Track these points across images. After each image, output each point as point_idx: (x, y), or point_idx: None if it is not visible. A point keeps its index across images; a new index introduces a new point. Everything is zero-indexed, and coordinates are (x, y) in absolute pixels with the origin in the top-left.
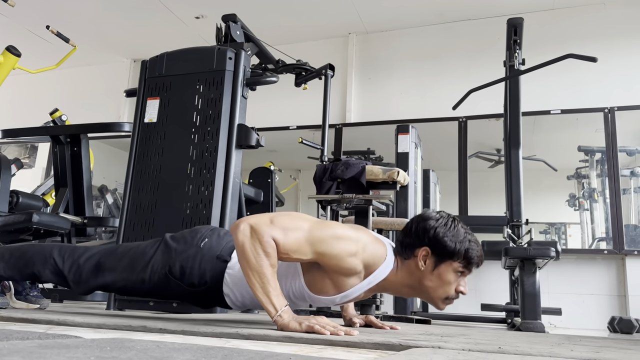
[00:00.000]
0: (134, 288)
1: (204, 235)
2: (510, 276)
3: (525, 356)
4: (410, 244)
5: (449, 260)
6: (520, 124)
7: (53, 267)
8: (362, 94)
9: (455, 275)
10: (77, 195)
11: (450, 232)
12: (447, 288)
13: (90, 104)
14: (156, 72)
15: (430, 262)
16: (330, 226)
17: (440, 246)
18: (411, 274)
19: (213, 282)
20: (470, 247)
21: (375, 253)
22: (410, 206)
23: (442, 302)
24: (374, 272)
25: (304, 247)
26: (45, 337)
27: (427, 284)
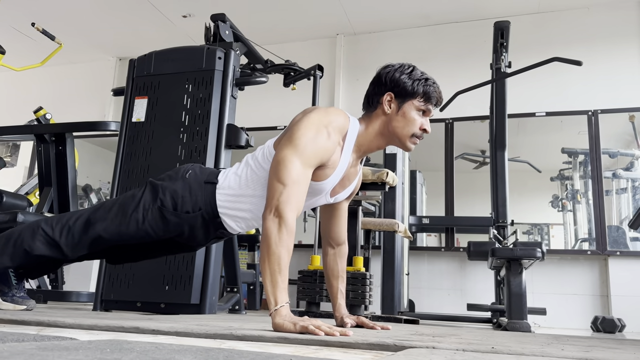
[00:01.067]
0: (128, 233)
1: (186, 168)
2: (495, 276)
3: (519, 356)
4: (374, 93)
5: (410, 99)
6: (506, 125)
7: (43, 237)
8: (349, 95)
9: (418, 113)
10: (61, 195)
11: (407, 72)
12: (412, 126)
13: (75, 103)
14: (144, 71)
15: (394, 105)
16: (300, 137)
17: (400, 87)
18: (380, 122)
19: (207, 206)
20: (427, 84)
21: (338, 118)
22: (398, 207)
23: (409, 140)
24: (347, 133)
25: (309, 175)
26: (40, 339)
27: (394, 125)
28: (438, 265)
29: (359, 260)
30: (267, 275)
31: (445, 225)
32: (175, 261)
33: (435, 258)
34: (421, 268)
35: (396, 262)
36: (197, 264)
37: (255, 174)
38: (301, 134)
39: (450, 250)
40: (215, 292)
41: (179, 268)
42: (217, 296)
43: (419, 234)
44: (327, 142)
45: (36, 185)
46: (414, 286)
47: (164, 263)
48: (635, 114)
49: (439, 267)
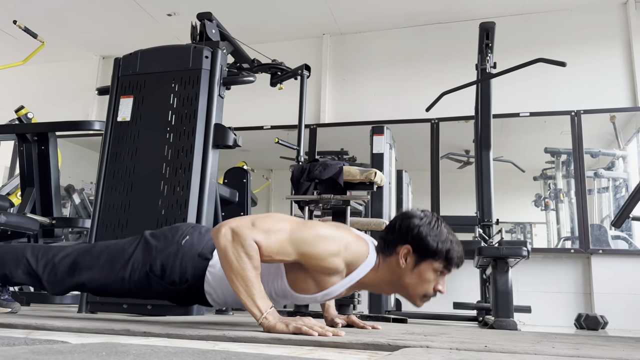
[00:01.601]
0: (112, 287)
1: (185, 232)
2: (481, 275)
3: (513, 354)
4: (393, 241)
5: (430, 260)
6: (491, 126)
7: (26, 267)
8: (336, 95)
9: (434, 274)
10: (44, 196)
11: (433, 231)
12: (426, 286)
13: (58, 102)
14: (130, 70)
15: (411, 260)
16: (312, 226)
17: (422, 245)
18: (392, 271)
19: (194, 280)
20: (451, 248)
21: (358, 251)
22: (385, 206)
23: (420, 299)
24: (356, 270)
25: (287, 248)
26: (31, 342)
27: (407, 281)
28: None
29: None
30: (241, 292)
31: None
32: None
33: None
34: None
35: None
36: None
37: None
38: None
39: None
40: None
41: None
42: None
43: None
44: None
45: (18, 186)
46: None
47: None
48: (616, 114)
49: None
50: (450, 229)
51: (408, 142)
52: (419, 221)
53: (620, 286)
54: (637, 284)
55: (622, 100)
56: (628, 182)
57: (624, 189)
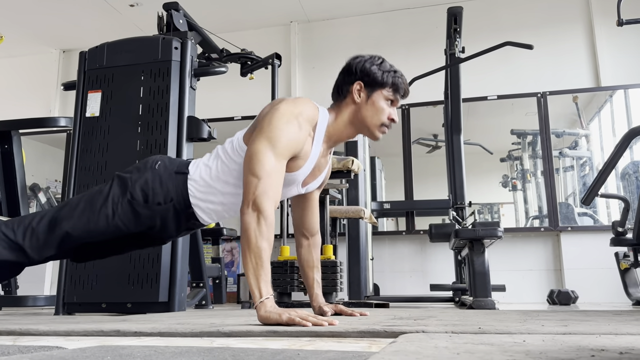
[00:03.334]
0: (98, 229)
1: (155, 159)
2: (455, 257)
3: (510, 335)
4: (344, 82)
5: (379, 89)
6: (461, 110)
7: (5, 241)
8: (306, 83)
9: (386, 102)
10: (10, 196)
11: (376, 62)
12: (380, 115)
13: (17, 98)
14: (96, 63)
15: (364, 94)
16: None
17: (370, 77)
18: (349, 111)
19: (178, 196)
20: (396, 76)
21: (307, 109)
22: (361, 194)
23: (378, 129)
24: (317, 123)
25: (283, 164)
26: (26, 350)
27: (364, 114)
28: (399, 249)
29: (329, 248)
30: (250, 269)
31: (406, 209)
32: (140, 259)
33: (396, 242)
34: (383, 252)
35: (361, 248)
36: (163, 261)
37: (226, 165)
38: (272, 127)
39: (411, 234)
40: (184, 289)
41: (145, 266)
42: (185, 292)
43: (380, 219)
44: (299, 133)
45: None
46: (377, 270)
47: (129, 261)
48: (578, 95)
49: (400, 250)
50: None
51: None
52: (363, 58)
53: (588, 261)
54: (603, 258)
55: (585, 81)
56: (591, 160)
57: (587, 167)
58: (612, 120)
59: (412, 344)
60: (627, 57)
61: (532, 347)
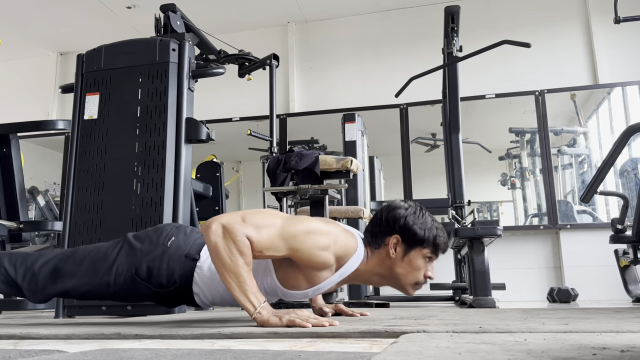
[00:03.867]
0: (97, 292)
1: (170, 233)
2: (455, 255)
3: (512, 334)
4: (381, 233)
5: (419, 247)
6: (460, 108)
7: (4, 276)
8: (304, 84)
9: (424, 261)
10: (9, 199)
11: (419, 220)
12: (416, 274)
13: (15, 102)
14: (94, 66)
15: (400, 249)
16: (302, 221)
17: (410, 234)
18: (382, 262)
19: (182, 282)
20: (437, 235)
21: (346, 245)
22: (360, 193)
23: (412, 287)
24: (346, 263)
25: (278, 243)
26: (27, 354)
27: (398, 271)
28: None
29: None
30: (234, 288)
31: None
32: None
33: None
34: None
35: None
36: None
37: None
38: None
39: None
40: None
41: None
42: None
43: None
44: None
45: None
46: None
47: None
48: (576, 93)
49: None
50: (434, 217)
51: (378, 128)
52: (405, 211)
53: (587, 259)
54: (602, 256)
55: (582, 79)
56: (590, 158)
57: (586, 164)
58: (610, 117)
59: (414, 344)
60: (625, 54)
61: (533, 346)
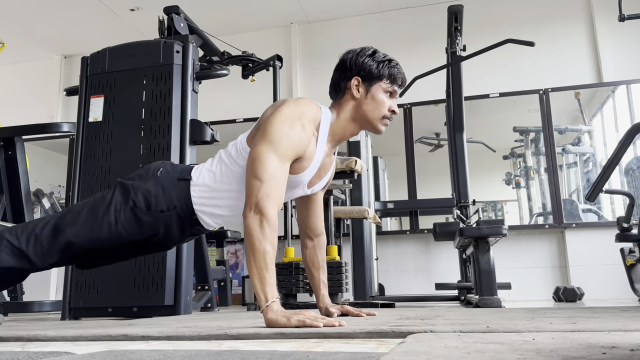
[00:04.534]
0: (100, 237)
1: (157, 166)
2: (460, 255)
3: (519, 333)
4: (342, 79)
5: (377, 82)
6: (463, 108)
7: (9, 248)
8: (307, 84)
9: (385, 95)
10: (14, 202)
11: (371, 56)
12: (381, 108)
13: (20, 104)
14: (98, 68)
15: (362, 89)
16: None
17: (366, 70)
18: (350, 107)
19: (182, 203)
20: (391, 66)
21: (310, 109)
22: (364, 194)
23: (380, 122)
24: (320, 122)
25: (286, 167)
26: (35, 356)
27: (365, 108)
28: (404, 248)
29: (333, 249)
30: (254, 273)
31: (410, 208)
32: (146, 263)
33: (400, 241)
34: (387, 252)
35: (365, 248)
36: (168, 264)
37: (230, 169)
38: (275, 128)
39: (415, 233)
40: (189, 292)
41: (150, 270)
42: (191, 296)
43: (383, 219)
44: (302, 134)
45: None
46: (382, 270)
47: (134, 265)
48: (580, 91)
49: (404, 249)
50: (387, 54)
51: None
52: (356, 52)
53: (593, 258)
54: (608, 254)
55: (587, 77)
56: (595, 156)
57: (591, 163)
58: (614, 115)
59: (422, 344)
60: (629, 52)
61: (542, 346)
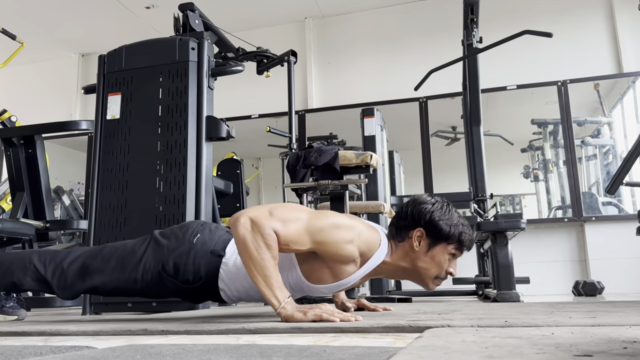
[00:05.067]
0: (125, 289)
1: (195, 230)
2: (478, 249)
3: (538, 327)
4: (405, 226)
5: (443, 243)
6: (480, 100)
7: (34, 274)
8: (322, 79)
9: (447, 257)
10: (35, 199)
11: (445, 216)
12: (438, 269)
13: (40, 103)
14: (115, 66)
15: (424, 243)
16: (327, 215)
17: (435, 229)
18: (405, 256)
19: (208, 278)
20: (463, 231)
21: (370, 239)
22: (380, 188)
23: (433, 282)
24: (370, 258)
25: (304, 237)
26: (58, 350)
27: (420, 265)
28: None
29: None
30: (259, 281)
31: None
32: None
33: None
34: None
35: None
36: None
37: None
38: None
39: None
40: None
41: None
42: None
43: None
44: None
45: (7, 191)
46: None
47: None
48: (600, 82)
49: None
50: (461, 214)
51: (397, 122)
52: (431, 206)
53: (613, 251)
54: (628, 248)
55: (606, 68)
56: (615, 148)
57: (611, 155)
58: (635, 106)
59: (439, 339)
60: None
61: (561, 340)
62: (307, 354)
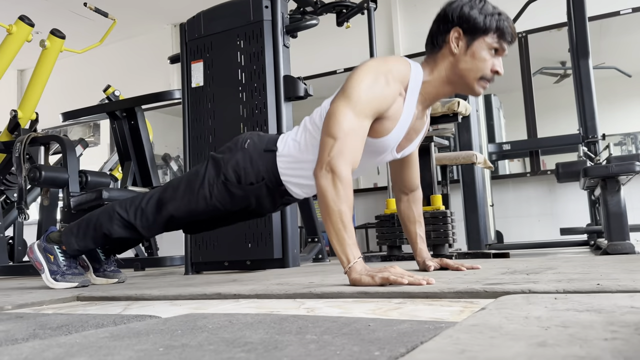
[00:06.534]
0: (198, 209)
1: (244, 138)
2: (589, 196)
3: (633, 294)
4: (440, 32)
5: (481, 36)
6: (587, 30)
7: (119, 220)
8: (408, 24)
9: (489, 52)
10: (141, 167)
11: (477, 5)
12: (481, 66)
13: (141, 75)
14: (195, 33)
15: (462, 43)
16: (354, 86)
17: (470, 22)
18: (446, 64)
19: (269, 175)
20: (500, 19)
21: (396, 64)
22: (474, 136)
23: (478, 83)
24: (409, 81)
25: (365, 126)
26: (120, 320)
27: (462, 67)
28: (525, 192)
29: (437, 198)
30: (333, 235)
31: (529, 148)
32: (254, 220)
33: (520, 185)
34: (506, 197)
35: (478, 194)
36: (274, 220)
37: (314, 137)
38: (355, 83)
39: (536, 175)
40: (296, 245)
41: (259, 226)
42: (297, 249)
43: (500, 162)
44: (385, 89)
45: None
46: (500, 216)
47: (244, 222)
48: None
49: (525, 193)
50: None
51: None
52: (463, 1)
53: None
54: None
55: None
56: None
57: None
58: None
59: (500, 313)
60: None
61: None
62: (346, 331)
